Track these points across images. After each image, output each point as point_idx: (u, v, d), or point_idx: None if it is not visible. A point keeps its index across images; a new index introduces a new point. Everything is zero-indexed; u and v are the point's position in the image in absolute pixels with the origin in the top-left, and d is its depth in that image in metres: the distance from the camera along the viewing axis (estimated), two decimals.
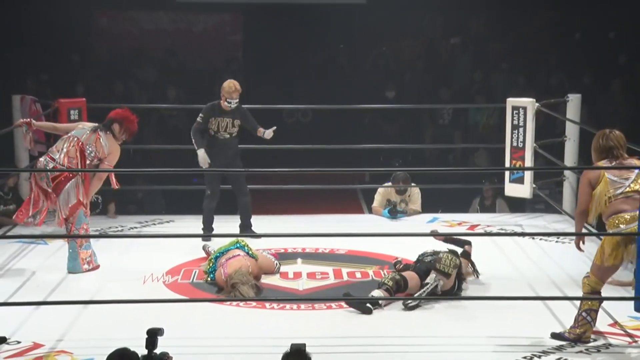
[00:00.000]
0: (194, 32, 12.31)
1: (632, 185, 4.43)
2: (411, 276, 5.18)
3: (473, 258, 5.62)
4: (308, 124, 11.25)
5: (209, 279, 5.52)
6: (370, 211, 7.71)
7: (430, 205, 7.54)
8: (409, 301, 4.98)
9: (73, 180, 5.64)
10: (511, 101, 7.03)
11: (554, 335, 4.56)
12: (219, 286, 5.36)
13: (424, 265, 5.25)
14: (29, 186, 5.96)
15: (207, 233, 6.43)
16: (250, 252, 5.59)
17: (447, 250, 5.31)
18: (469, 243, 5.69)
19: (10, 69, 10.45)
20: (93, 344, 4.41)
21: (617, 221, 4.41)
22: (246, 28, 12.34)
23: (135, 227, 6.99)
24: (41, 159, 5.81)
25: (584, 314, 4.50)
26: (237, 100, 6.38)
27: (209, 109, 6.39)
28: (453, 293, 5.20)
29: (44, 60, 10.82)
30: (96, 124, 5.86)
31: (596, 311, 4.53)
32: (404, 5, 11.30)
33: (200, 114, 6.41)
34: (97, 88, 10.46)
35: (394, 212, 7.20)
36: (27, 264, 5.91)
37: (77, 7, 11.28)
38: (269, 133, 6.50)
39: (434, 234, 5.67)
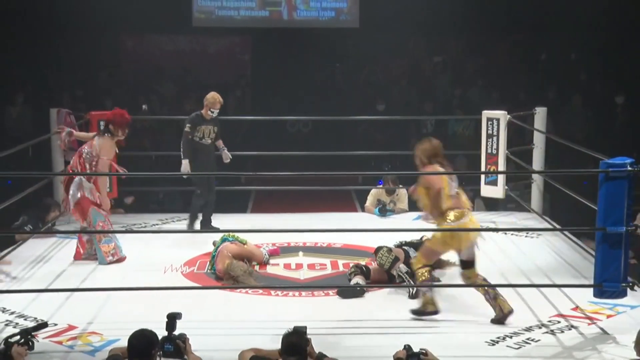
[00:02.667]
0: (208, 53, 12.31)
1: (458, 187, 4.68)
2: (373, 267, 5.27)
3: None
4: (308, 133, 11.24)
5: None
6: (363, 210, 7.71)
7: (414, 204, 7.49)
8: (413, 291, 4.97)
9: (76, 179, 5.65)
10: (486, 113, 7.04)
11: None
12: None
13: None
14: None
15: (192, 227, 6.48)
16: (237, 239, 5.59)
17: (385, 247, 5.30)
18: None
19: (49, 86, 10.46)
20: (120, 326, 4.40)
21: (448, 215, 4.55)
22: (254, 49, 12.34)
23: (157, 224, 6.98)
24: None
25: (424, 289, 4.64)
26: (218, 110, 6.42)
27: (195, 118, 6.41)
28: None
29: (78, 78, 10.82)
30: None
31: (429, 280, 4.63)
32: (392, 28, 11.30)
33: (187, 124, 6.40)
34: (124, 102, 10.46)
35: (383, 211, 7.21)
36: (62, 256, 5.91)
37: (107, 32, 11.30)
38: (226, 156, 6.56)
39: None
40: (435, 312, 4.60)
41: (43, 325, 3.97)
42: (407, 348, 3.58)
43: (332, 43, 11.70)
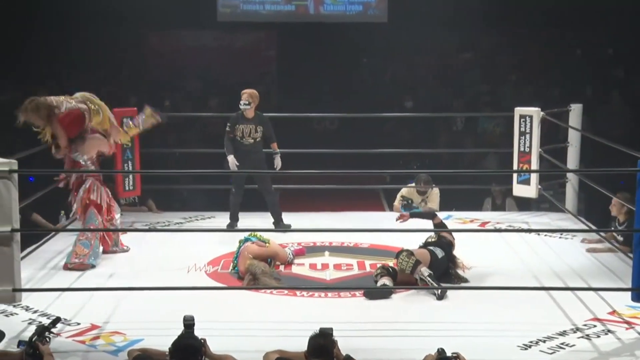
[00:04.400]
0: (233, 48, 12.35)
1: None
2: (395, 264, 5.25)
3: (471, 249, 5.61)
4: (335, 131, 11.22)
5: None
6: (391, 209, 7.67)
7: (445, 204, 7.49)
8: (438, 292, 4.94)
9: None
10: (519, 110, 6.97)
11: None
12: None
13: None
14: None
15: (233, 225, 6.51)
16: (260, 239, 5.58)
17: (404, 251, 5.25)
18: (433, 215, 5.62)
19: (72, 83, 10.56)
20: (143, 326, 4.43)
21: None
22: (280, 44, 12.35)
23: (180, 222, 7.00)
24: None
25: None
26: (248, 102, 6.39)
27: (234, 117, 6.47)
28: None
29: (102, 75, 10.92)
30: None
31: None
32: (421, 23, 11.24)
33: (228, 123, 6.49)
34: (148, 99, 10.53)
35: (408, 207, 7.17)
36: None
37: (131, 28, 11.39)
38: (278, 163, 6.56)
39: (401, 218, 5.66)
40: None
41: (57, 320, 4.01)
42: (440, 352, 3.55)
43: (359, 38, 11.66)
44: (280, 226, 6.50)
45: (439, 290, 4.93)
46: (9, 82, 10.33)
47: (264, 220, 6.69)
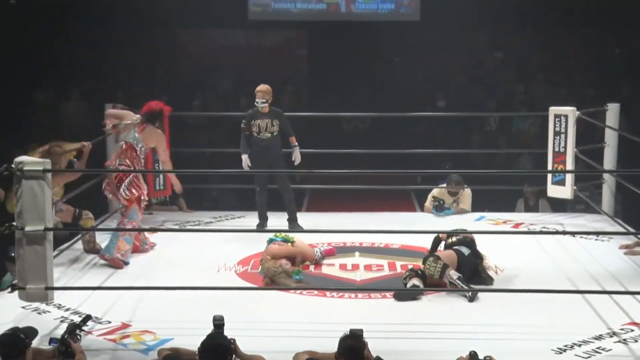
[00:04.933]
0: (264, 47, 12.38)
1: None
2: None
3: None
4: (365, 130, 11.20)
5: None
6: (422, 210, 7.63)
7: (477, 204, 7.43)
8: (469, 294, 4.90)
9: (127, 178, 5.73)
10: (554, 110, 6.89)
11: None
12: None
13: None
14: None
15: (263, 224, 6.53)
16: (285, 238, 5.58)
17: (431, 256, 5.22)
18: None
19: (105, 82, 10.70)
20: (173, 325, 4.47)
21: None
22: (311, 43, 12.36)
23: (211, 222, 7.05)
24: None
25: None
26: (264, 100, 6.41)
27: (249, 114, 6.50)
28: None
29: (134, 73, 11.04)
30: (136, 120, 5.91)
31: None
32: (454, 22, 11.16)
33: (243, 120, 6.51)
34: (180, 98, 10.63)
35: (439, 209, 7.14)
36: None
37: (163, 27, 11.48)
38: (296, 156, 6.54)
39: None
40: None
41: (87, 318, 4.05)
42: (472, 354, 3.52)
43: (391, 37, 11.61)
44: (294, 226, 6.51)
45: (470, 293, 4.89)
46: (43, 82, 10.50)
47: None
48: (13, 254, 5.82)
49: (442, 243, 5.56)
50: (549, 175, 6.98)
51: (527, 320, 4.57)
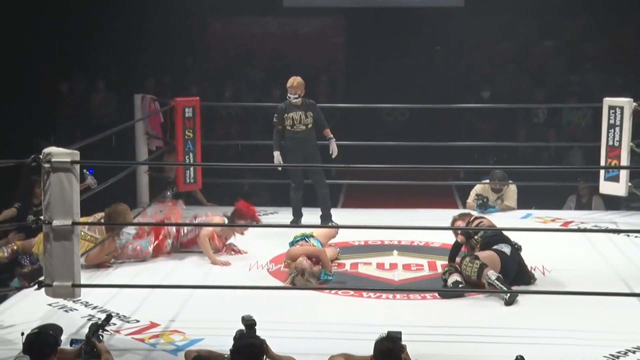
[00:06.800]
0: (299, 35, 12.40)
1: None
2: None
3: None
4: (405, 122, 11.16)
5: None
6: (464, 206, 7.58)
7: (524, 201, 7.36)
8: (507, 296, 4.85)
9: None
10: (608, 101, 6.78)
11: None
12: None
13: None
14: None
15: (297, 221, 6.55)
16: (303, 236, 5.59)
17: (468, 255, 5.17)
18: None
19: (134, 72, 10.83)
20: (203, 325, 4.51)
21: None
22: (348, 31, 12.34)
23: None
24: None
25: None
26: (297, 95, 6.42)
27: (281, 108, 6.50)
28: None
29: (163, 63, 11.15)
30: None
31: None
32: (501, 9, 11.05)
33: (275, 115, 6.51)
34: (210, 88, 10.70)
35: (483, 207, 7.08)
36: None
37: (193, 15, 11.57)
38: (332, 148, 6.53)
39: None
40: None
41: (109, 317, 4.12)
42: (520, 359, 3.49)
43: (433, 24, 11.53)
44: (328, 221, 6.52)
45: (507, 295, 4.83)
46: (71, 72, 10.66)
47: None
48: (19, 257, 5.99)
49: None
50: (602, 171, 6.88)
51: (578, 325, 4.52)
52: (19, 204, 6.38)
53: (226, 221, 5.86)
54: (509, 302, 4.83)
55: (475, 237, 5.37)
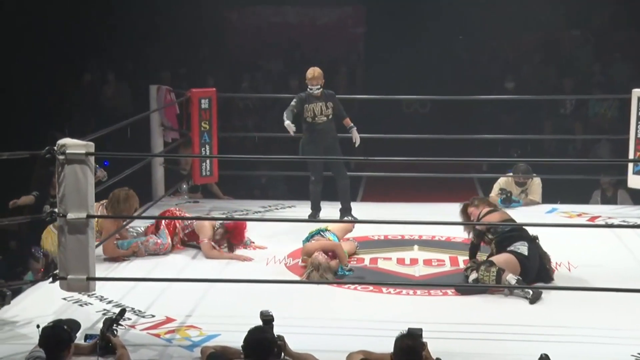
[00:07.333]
0: (317, 25, 12.38)
1: None
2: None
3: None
4: (426, 114, 11.12)
5: None
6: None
7: (549, 196, 7.31)
8: (530, 295, 4.81)
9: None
10: (637, 92, 6.71)
11: None
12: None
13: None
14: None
15: (315, 215, 6.53)
16: (318, 231, 5.58)
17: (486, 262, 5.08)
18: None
19: (150, 63, 10.87)
20: (220, 321, 4.51)
21: None
22: (368, 21, 12.30)
23: (259, 211, 7.09)
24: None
25: None
26: (318, 86, 6.40)
27: (301, 98, 6.47)
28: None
29: (179, 54, 11.18)
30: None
31: None
32: None
33: (295, 98, 6.48)
34: (227, 79, 10.71)
35: (507, 201, 7.02)
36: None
37: (209, 4, 11.59)
38: (355, 137, 6.51)
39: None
40: None
41: (123, 312, 4.12)
42: (544, 358, 3.46)
43: (456, 13, 11.47)
44: (347, 214, 6.51)
45: (531, 294, 4.79)
46: (87, 64, 10.72)
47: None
48: (34, 250, 6.03)
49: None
50: (630, 165, 6.81)
51: (604, 323, 4.48)
52: (36, 192, 6.46)
53: (217, 227, 5.85)
54: (533, 300, 4.78)
55: (489, 235, 5.29)
